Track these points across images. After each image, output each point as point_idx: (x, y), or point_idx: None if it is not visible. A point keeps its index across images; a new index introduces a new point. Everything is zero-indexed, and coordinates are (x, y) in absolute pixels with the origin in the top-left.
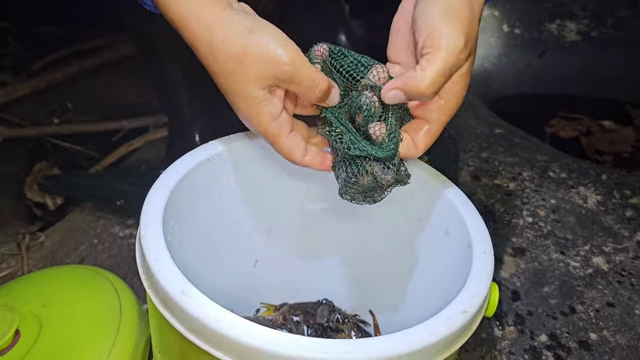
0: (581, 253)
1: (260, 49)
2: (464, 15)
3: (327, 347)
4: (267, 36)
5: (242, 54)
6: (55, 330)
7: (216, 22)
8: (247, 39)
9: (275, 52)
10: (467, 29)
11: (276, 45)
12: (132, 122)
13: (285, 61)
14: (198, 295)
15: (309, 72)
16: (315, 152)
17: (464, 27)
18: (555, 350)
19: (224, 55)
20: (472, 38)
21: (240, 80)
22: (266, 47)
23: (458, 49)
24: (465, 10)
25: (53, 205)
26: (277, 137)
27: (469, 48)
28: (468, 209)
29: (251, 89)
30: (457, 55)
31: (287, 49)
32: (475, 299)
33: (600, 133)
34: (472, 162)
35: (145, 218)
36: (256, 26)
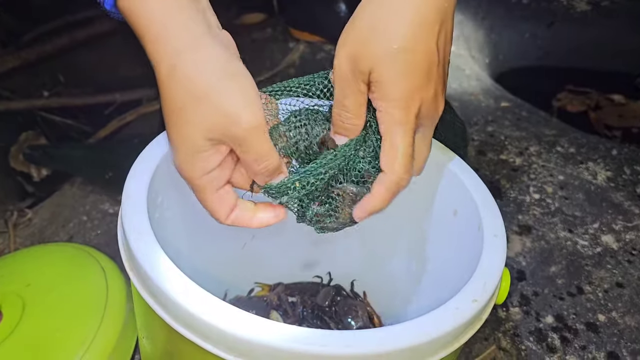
0: (590, 231)
1: (222, 102)
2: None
3: (325, 339)
4: (234, 91)
5: (202, 98)
6: (39, 311)
7: (187, 49)
8: (212, 85)
9: (236, 113)
10: (354, 49)
11: (241, 104)
12: (124, 95)
13: (243, 126)
14: (183, 279)
15: (262, 147)
16: (246, 208)
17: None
18: (561, 332)
19: (182, 89)
20: (362, 55)
21: (187, 122)
22: (229, 103)
23: (339, 74)
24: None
25: (38, 177)
26: (202, 191)
27: (356, 66)
28: (478, 188)
29: (195, 134)
30: (340, 77)
31: (250, 113)
32: (487, 287)
33: (609, 107)
34: (477, 136)
35: (127, 193)
36: (228, 73)
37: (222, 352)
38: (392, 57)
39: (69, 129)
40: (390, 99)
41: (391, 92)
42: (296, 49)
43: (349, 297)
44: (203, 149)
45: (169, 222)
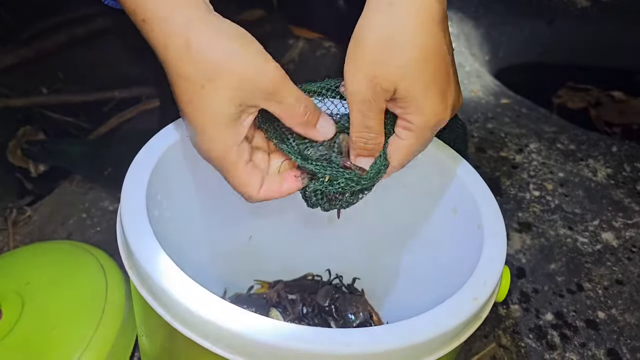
0: (590, 228)
1: (245, 64)
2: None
3: (324, 338)
4: (252, 52)
5: (224, 61)
6: (38, 309)
7: (195, 21)
8: (231, 52)
9: (261, 68)
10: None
11: (263, 61)
12: (123, 92)
13: (271, 77)
14: (183, 277)
15: (295, 91)
16: (272, 181)
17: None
18: (561, 330)
19: (201, 62)
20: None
21: (213, 90)
22: (252, 64)
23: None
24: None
25: (35, 172)
26: (234, 166)
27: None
28: (478, 185)
29: (224, 102)
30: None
31: (274, 66)
32: (487, 285)
33: (610, 104)
34: (477, 133)
35: (126, 191)
36: (241, 36)
37: (221, 351)
38: (415, 69)
39: (68, 126)
40: (424, 112)
41: (424, 105)
42: (295, 45)
43: (348, 293)
44: (234, 117)
45: (169, 220)
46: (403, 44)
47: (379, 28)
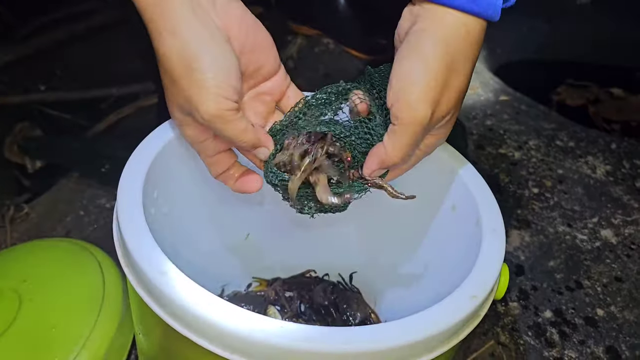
0: (589, 225)
1: (187, 89)
2: (439, 76)
3: (322, 336)
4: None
5: (175, 81)
6: (35, 306)
7: (167, 33)
8: (182, 73)
9: (197, 102)
10: (438, 93)
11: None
12: (121, 89)
13: (203, 113)
14: (179, 275)
15: (229, 132)
16: (235, 171)
17: (433, 94)
18: (560, 327)
19: (164, 70)
20: (447, 99)
21: (169, 99)
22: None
23: (425, 121)
24: (441, 68)
25: (32, 168)
26: (197, 152)
27: (443, 110)
28: (477, 183)
29: (174, 110)
30: (424, 126)
31: (213, 103)
32: (486, 283)
33: (609, 101)
34: (475, 130)
35: (122, 188)
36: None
37: (218, 349)
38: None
39: (66, 123)
40: (442, 136)
41: (446, 132)
42: (294, 42)
43: (346, 290)
44: (185, 123)
45: (166, 217)
46: (463, 73)
47: (448, 53)
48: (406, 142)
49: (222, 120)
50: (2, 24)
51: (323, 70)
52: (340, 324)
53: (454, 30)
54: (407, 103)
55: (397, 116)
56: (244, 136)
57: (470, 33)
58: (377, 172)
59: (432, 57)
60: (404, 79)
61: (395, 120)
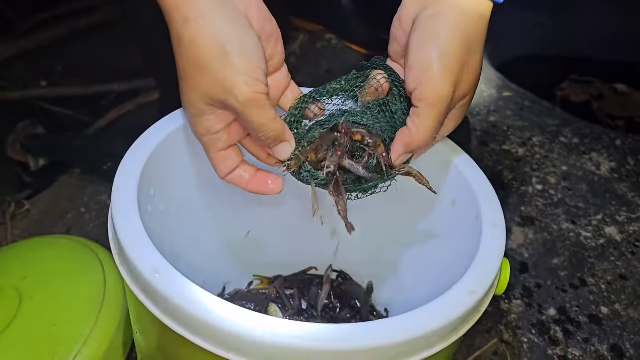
0: (593, 223)
1: (220, 73)
2: (458, 58)
3: (316, 334)
4: (233, 62)
5: (203, 67)
6: (35, 304)
7: (194, 18)
8: (213, 55)
9: (232, 85)
10: (458, 75)
11: (238, 77)
12: (122, 85)
13: (238, 99)
14: (174, 274)
15: (260, 117)
16: (245, 171)
17: (454, 75)
18: (564, 325)
19: (187, 56)
20: (466, 79)
21: (191, 88)
22: (225, 76)
23: (448, 99)
24: (459, 50)
25: (35, 166)
26: (206, 149)
27: (463, 90)
28: (477, 177)
29: (197, 100)
30: (447, 104)
31: (246, 86)
32: (485, 278)
33: (613, 97)
34: (479, 126)
35: (117, 186)
36: (230, 43)
37: (214, 348)
38: (479, 75)
39: (67, 119)
40: (459, 118)
41: (463, 114)
42: (296, 37)
43: (349, 282)
44: (205, 113)
45: (163, 216)
46: (479, 54)
47: (465, 35)
48: (431, 123)
49: (257, 104)
50: (3, 20)
51: (326, 66)
52: (345, 317)
53: (469, 13)
54: (431, 84)
55: (420, 98)
56: (274, 124)
57: (483, 15)
58: (404, 157)
59: (450, 40)
60: (424, 63)
61: (418, 102)
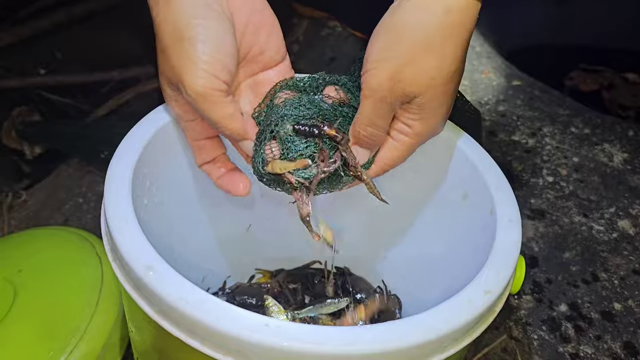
0: (606, 216)
1: (175, 62)
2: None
3: (323, 337)
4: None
5: (164, 51)
6: (30, 298)
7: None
8: (172, 43)
9: (186, 76)
10: (399, 68)
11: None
12: (122, 73)
13: (187, 90)
14: (169, 271)
15: (216, 114)
16: (222, 166)
17: (391, 67)
18: (575, 321)
19: (158, 38)
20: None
21: (159, 68)
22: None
23: (380, 92)
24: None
25: (31, 154)
26: (184, 132)
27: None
28: (491, 169)
29: (163, 82)
30: (381, 96)
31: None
32: (501, 277)
33: (623, 86)
34: (488, 116)
35: (110, 178)
36: (192, 32)
37: (211, 351)
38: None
39: (66, 108)
40: (429, 124)
41: (431, 118)
42: (299, 24)
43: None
44: (173, 98)
45: (160, 209)
46: (439, 54)
47: (419, 30)
48: (367, 113)
49: (208, 100)
50: (1, 6)
51: (329, 54)
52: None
53: (429, 7)
54: (367, 75)
55: (361, 87)
56: (230, 123)
57: (450, 12)
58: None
59: (397, 30)
60: (369, 55)
61: (361, 92)
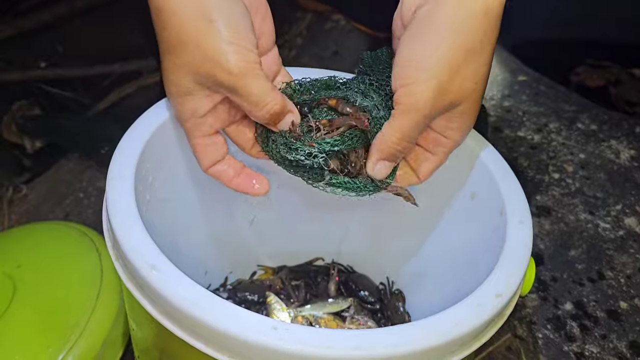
0: (612, 213)
1: (207, 46)
2: (445, 61)
3: (330, 341)
4: (220, 33)
5: (188, 41)
6: (30, 293)
7: None
8: (198, 27)
9: (222, 56)
10: (445, 81)
11: (229, 48)
12: (123, 67)
13: (229, 69)
14: (173, 271)
15: (257, 89)
16: (231, 166)
17: (437, 80)
18: (581, 320)
19: (169, 29)
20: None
21: (176, 65)
22: (214, 48)
23: (425, 108)
24: (448, 53)
25: (31, 148)
26: (189, 135)
27: (452, 98)
28: (500, 167)
29: (183, 75)
30: (424, 113)
31: (239, 55)
32: (512, 280)
33: (630, 82)
34: (493, 112)
35: (112, 173)
36: (218, 12)
37: (216, 352)
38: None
39: (67, 101)
40: (464, 128)
41: (467, 125)
42: (303, 18)
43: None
44: (192, 92)
45: (163, 204)
46: (479, 59)
47: (462, 34)
48: (402, 129)
49: (250, 75)
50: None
51: (333, 48)
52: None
53: (469, 11)
54: (408, 89)
55: (398, 102)
56: (274, 95)
57: (488, 12)
58: (381, 164)
59: (439, 41)
60: (407, 64)
61: (395, 105)
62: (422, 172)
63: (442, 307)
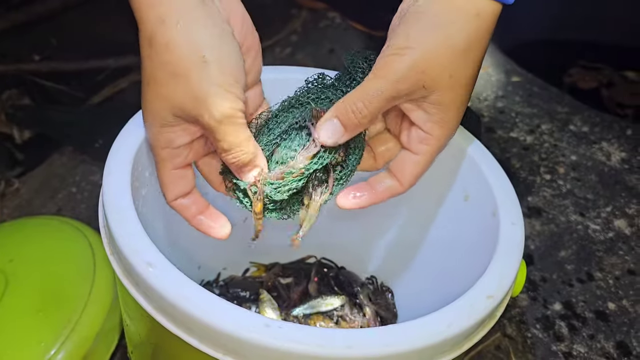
0: (602, 215)
1: (195, 85)
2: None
3: (323, 339)
4: (210, 75)
5: (177, 75)
6: (21, 288)
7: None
8: (188, 64)
9: (209, 98)
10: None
11: (218, 92)
12: (117, 61)
13: (212, 113)
14: (169, 268)
15: (234, 137)
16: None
17: (415, 56)
18: (569, 320)
19: (159, 61)
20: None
21: (159, 95)
22: (201, 88)
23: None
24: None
25: (20, 139)
26: (160, 164)
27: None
28: (493, 170)
29: (165, 110)
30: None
31: (226, 102)
32: (504, 282)
33: (622, 84)
34: (486, 112)
35: (109, 168)
36: (209, 52)
37: (210, 350)
38: (464, 83)
39: (61, 95)
40: (444, 123)
41: (450, 119)
42: (298, 16)
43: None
44: (170, 124)
45: (157, 199)
46: (464, 56)
47: (450, 28)
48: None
49: (232, 122)
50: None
51: (328, 46)
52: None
53: (461, 8)
54: (388, 59)
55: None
56: (247, 146)
57: (480, 15)
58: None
59: (427, 22)
60: (395, 38)
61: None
62: (406, 178)
63: (434, 308)
